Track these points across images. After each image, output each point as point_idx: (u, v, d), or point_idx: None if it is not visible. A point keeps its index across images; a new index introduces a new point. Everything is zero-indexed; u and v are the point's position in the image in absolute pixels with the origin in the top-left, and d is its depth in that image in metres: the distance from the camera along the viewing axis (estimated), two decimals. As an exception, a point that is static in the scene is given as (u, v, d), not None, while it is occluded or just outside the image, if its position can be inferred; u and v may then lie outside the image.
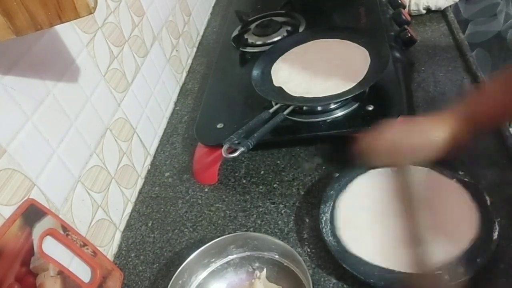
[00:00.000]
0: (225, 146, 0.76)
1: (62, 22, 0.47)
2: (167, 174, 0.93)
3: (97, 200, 0.77)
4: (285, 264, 0.65)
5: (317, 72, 0.89)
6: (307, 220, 0.75)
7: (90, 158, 0.76)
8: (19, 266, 0.57)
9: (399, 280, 0.60)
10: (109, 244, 0.79)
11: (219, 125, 0.88)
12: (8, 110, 0.61)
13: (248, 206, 0.80)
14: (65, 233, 0.66)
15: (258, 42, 1.11)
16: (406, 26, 1.01)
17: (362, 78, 0.84)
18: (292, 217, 0.76)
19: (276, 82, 0.90)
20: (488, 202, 0.65)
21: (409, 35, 0.98)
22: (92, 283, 0.69)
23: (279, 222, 0.76)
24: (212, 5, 1.50)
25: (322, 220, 0.69)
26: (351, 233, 0.67)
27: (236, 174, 0.87)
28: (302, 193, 0.79)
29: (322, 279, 0.66)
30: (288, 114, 0.83)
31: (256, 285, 0.65)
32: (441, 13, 1.12)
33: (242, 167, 0.88)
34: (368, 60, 0.88)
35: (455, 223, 0.65)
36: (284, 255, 0.65)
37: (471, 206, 0.66)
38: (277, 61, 0.96)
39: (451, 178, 0.70)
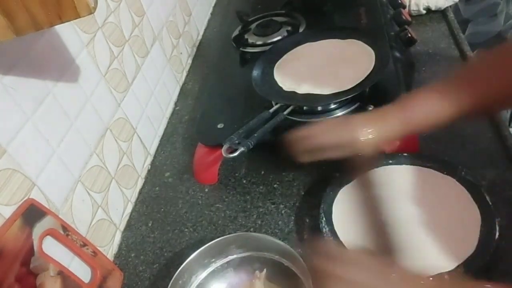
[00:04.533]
0: (225, 146, 0.75)
1: (62, 22, 0.47)
2: (167, 174, 0.93)
3: (97, 200, 0.77)
4: (285, 264, 0.65)
5: (327, 73, 0.88)
6: (307, 220, 0.75)
7: (90, 158, 0.76)
8: (19, 266, 0.57)
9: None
10: (109, 244, 0.79)
11: (219, 125, 0.88)
12: (8, 110, 0.61)
13: (248, 206, 0.80)
14: (65, 233, 0.66)
15: (258, 42, 1.11)
16: (406, 26, 1.00)
17: (363, 78, 0.84)
18: (292, 217, 0.76)
19: (286, 87, 0.88)
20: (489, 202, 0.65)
21: (409, 35, 0.97)
22: (92, 283, 0.69)
23: (279, 222, 0.76)
24: (212, 5, 1.50)
25: (322, 220, 0.69)
26: (351, 233, 0.67)
27: (236, 174, 0.87)
28: (302, 193, 0.79)
29: (322, 279, 0.66)
30: (288, 114, 0.83)
31: (256, 286, 0.65)
32: (441, 13, 1.12)
33: (242, 167, 0.88)
34: (373, 60, 0.87)
35: (458, 223, 0.64)
36: (284, 255, 0.65)
37: (473, 206, 0.65)
38: (283, 63, 0.95)
39: (452, 177, 0.70)
